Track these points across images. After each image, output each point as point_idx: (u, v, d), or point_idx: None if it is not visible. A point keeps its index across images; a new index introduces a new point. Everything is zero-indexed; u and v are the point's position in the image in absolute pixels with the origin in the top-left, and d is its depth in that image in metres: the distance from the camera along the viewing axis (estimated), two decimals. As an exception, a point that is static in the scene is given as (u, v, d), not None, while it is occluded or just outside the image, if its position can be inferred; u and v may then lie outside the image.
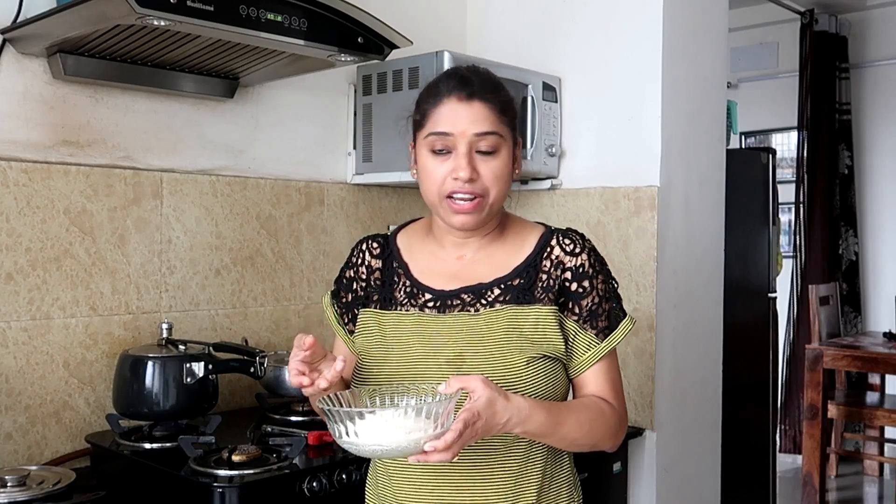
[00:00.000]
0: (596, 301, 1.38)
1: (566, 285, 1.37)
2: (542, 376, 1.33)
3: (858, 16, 5.58)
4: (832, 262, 5.46)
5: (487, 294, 1.36)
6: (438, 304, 1.37)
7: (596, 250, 1.42)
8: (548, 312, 1.35)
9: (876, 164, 5.60)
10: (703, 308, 2.66)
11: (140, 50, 1.88)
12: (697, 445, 2.65)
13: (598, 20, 2.57)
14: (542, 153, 2.56)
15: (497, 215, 1.40)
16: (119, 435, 1.89)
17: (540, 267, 1.38)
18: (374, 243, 1.47)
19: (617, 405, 1.39)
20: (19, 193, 1.87)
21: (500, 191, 1.35)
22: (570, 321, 1.37)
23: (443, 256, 1.42)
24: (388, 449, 1.13)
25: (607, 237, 2.54)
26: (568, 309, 1.37)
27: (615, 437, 1.39)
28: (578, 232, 1.42)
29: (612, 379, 1.40)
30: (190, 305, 2.17)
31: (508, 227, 1.44)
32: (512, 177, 1.38)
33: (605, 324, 1.38)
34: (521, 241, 1.41)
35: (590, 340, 1.37)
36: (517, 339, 1.33)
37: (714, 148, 2.70)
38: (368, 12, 1.90)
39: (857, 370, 4.64)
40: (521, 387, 1.30)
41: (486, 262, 1.40)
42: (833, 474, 5.06)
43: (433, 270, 1.41)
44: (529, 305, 1.35)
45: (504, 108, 1.36)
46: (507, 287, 1.37)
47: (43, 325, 1.91)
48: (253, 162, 2.31)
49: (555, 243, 1.39)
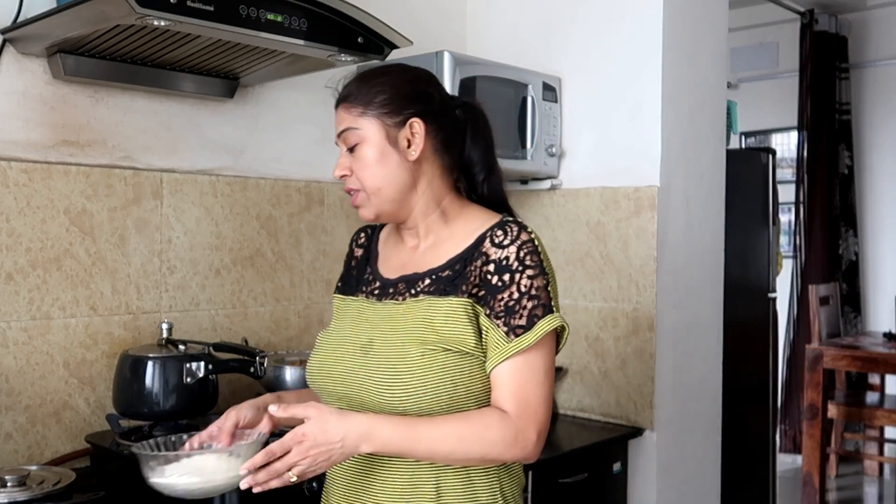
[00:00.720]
0: (514, 297, 1.31)
1: (487, 278, 1.33)
2: (440, 370, 1.29)
3: (858, 16, 5.58)
4: (832, 262, 5.47)
5: (418, 284, 1.38)
6: (379, 292, 1.43)
7: (531, 243, 1.34)
8: (458, 304, 1.33)
9: (876, 164, 5.60)
10: (703, 308, 2.66)
11: (140, 50, 1.88)
12: (697, 445, 2.65)
13: (599, 20, 2.57)
14: (542, 153, 2.56)
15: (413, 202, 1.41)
16: (119, 435, 1.88)
17: (470, 260, 1.36)
18: (361, 234, 1.58)
19: (516, 414, 1.30)
20: (19, 193, 1.87)
21: (376, 179, 1.38)
22: (483, 316, 1.33)
23: (401, 247, 1.48)
24: (199, 490, 1.26)
25: (607, 237, 2.55)
26: (485, 303, 1.33)
27: (509, 449, 1.30)
28: (520, 224, 1.37)
29: (519, 384, 1.31)
30: (190, 305, 2.17)
31: (462, 219, 1.43)
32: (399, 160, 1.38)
33: (520, 322, 1.31)
34: (469, 234, 1.39)
35: (499, 338, 1.31)
36: (424, 331, 1.32)
37: (714, 148, 2.70)
38: (368, 12, 1.90)
39: (857, 370, 4.64)
40: (414, 378, 1.29)
41: (432, 253, 1.42)
42: (833, 474, 5.06)
43: (391, 260, 1.48)
44: (446, 297, 1.34)
45: (365, 100, 1.37)
46: (436, 278, 1.37)
47: (43, 325, 1.91)
48: (253, 162, 2.31)
49: (488, 235, 1.36)
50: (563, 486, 2.24)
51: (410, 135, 1.38)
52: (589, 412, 2.60)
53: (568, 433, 2.51)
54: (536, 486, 2.16)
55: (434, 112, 1.41)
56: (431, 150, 1.41)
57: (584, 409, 2.61)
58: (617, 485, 2.46)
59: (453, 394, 1.30)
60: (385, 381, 1.31)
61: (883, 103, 5.55)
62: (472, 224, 1.41)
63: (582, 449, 2.34)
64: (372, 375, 1.33)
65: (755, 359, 3.68)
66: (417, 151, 1.39)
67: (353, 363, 1.36)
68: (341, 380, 1.37)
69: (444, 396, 1.29)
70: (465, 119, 1.46)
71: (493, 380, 1.33)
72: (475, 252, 1.36)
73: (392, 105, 1.38)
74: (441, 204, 1.43)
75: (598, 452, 2.39)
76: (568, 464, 2.28)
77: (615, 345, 2.53)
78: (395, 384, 1.30)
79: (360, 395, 1.34)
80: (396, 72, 1.44)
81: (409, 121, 1.38)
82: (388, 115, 1.38)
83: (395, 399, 1.30)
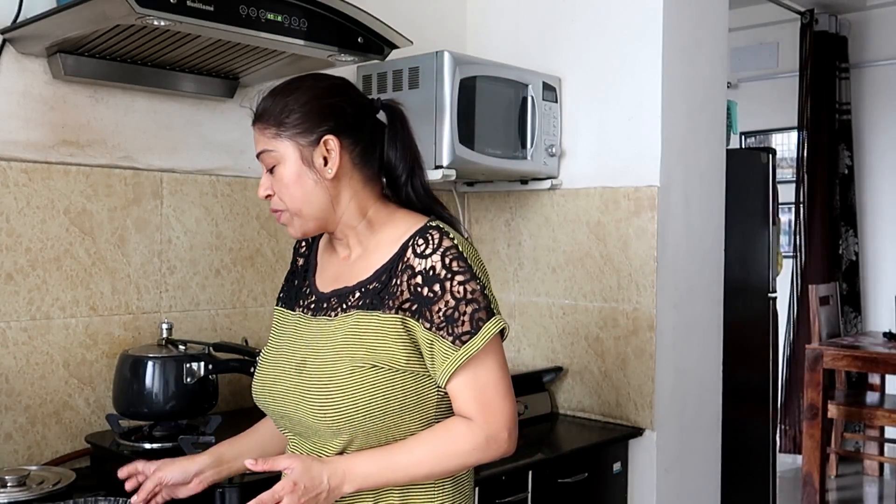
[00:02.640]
0: (451, 305, 1.28)
1: (418, 290, 1.29)
2: (371, 388, 1.27)
3: (858, 16, 5.58)
4: (832, 262, 5.47)
5: (349, 298, 1.36)
6: (314, 307, 1.42)
7: (455, 249, 1.30)
8: (388, 320, 1.30)
9: (876, 164, 5.60)
10: (703, 308, 2.66)
11: (140, 50, 1.88)
12: (697, 445, 2.65)
13: (598, 20, 2.57)
14: (542, 153, 2.56)
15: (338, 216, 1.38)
16: (119, 435, 1.88)
17: (395, 271, 1.32)
18: (302, 243, 1.55)
19: (483, 420, 1.29)
20: (19, 193, 1.87)
21: (293, 199, 1.35)
22: (421, 329, 1.29)
23: (334, 258, 1.46)
24: None
25: (607, 237, 2.55)
26: (422, 316, 1.29)
27: (484, 453, 1.30)
28: (441, 229, 1.33)
29: (478, 389, 1.30)
30: (190, 305, 2.17)
31: (388, 226, 1.39)
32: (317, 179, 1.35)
33: (464, 329, 1.28)
34: (396, 242, 1.35)
35: (446, 348, 1.28)
36: (352, 348, 1.30)
37: (714, 148, 2.70)
38: (368, 12, 1.90)
39: (857, 370, 4.64)
40: (346, 398, 1.27)
41: (361, 264, 1.39)
42: (833, 474, 5.06)
43: (326, 272, 1.46)
44: (374, 311, 1.31)
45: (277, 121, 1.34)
46: (364, 291, 1.35)
47: (43, 325, 1.91)
48: (253, 162, 2.28)
49: (410, 244, 1.32)
50: (563, 486, 2.24)
51: (326, 152, 1.35)
52: (589, 412, 2.60)
53: (568, 433, 2.51)
54: (536, 487, 2.16)
55: (348, 126, 1.37)
56: (350, 164, 1.37)
57: (584, 409, 2.61)
58: (617, 485, 2.46)
59: (387, 411, 1.28)
60: (317, 401, 1.30)
61: (883, 103, 5.55)
62: (396, 231, 1.37)
63: (582, 449, 2.35)
64: (305, 396, 1.32)
65: (755, 359, 3.68)
66: (334, 169, 1.35)
67: (288, 383, 1.36)
68: (280, 399, 1.37)
69: (378, 414, 1.28)
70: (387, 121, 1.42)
71: (451, 392, 1.31)
72: (399, 263, 1.32)
73: (304, 124, 1.34)
74: (367, 214, 1.40)
75: (598, 452, 2.39)
76: (568, 464, 2.28)
77: (615, 345, 2.53)
78: (326, 404, 1.29)
79: (297, 414, 1.34)
80: (307, 87, 1.38)
81: (323, 139, 1.34)
82: (301, 135, 1.34)
83: (328, 419, 1.29)
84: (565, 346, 2.65)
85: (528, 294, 2.74)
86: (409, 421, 1.31)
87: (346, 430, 1.29)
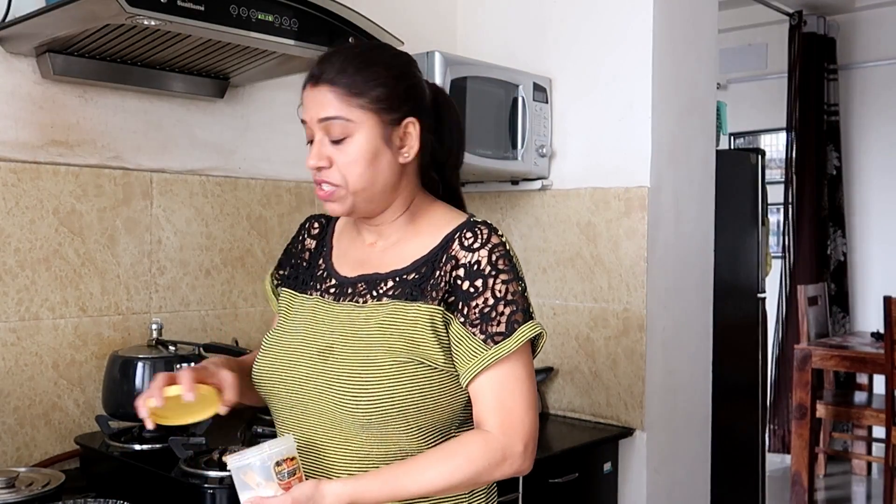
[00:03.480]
0: (490, 303, 1.23)
1: (458, 283, 1.24)
2: (408, 382, 1.22)
3: (846, 17, 5.62)
4: (820, 263, 5.50)
5: (381, 286, 1.29)
6: (336, 291, 1.33)
7: (503, 247, 1.27)
8: (427, 312, 1.24)
9: (864, 165, 5.64)
10: (692, 308, 2.67)
11: (130, 50, 1.87)
12: (687, 445, 2.66)
13: (589, 21, 2.58)
14: (532, 154, 2.56)
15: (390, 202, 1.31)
16: (109, 436, 1.88)
17: (438, 263, 1.26)
18: (315, 223, 1.47)
19: (501, 430, 1.23)
20: (8, 193, 1.86)
21: (361, 177, 1.26)
22: (456, 323, 1.24)
23: (358, 242, 1.38)
24: None
25: (598, 238, 2.55)
26: (457, 309, 1.24)
27: (498, 469, 1.23)
28: (490, 225, 1.28)
29: (501, 396, 1.23)
30: (180, 306, 2.16)
31: (428, 217, 1.34)
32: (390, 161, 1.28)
33: (498, 329, 1.23)
34: (435, 234, 1.30)
35: (476, 346, 1.23)
36: (389, 339, 1.24)
37: (703, 149, 2.71)
38: (359, 12, 1.90)
39: (846, 370, 4.67)
40: (382, 388, 1.21)
41: (394, 252, 1.32)
42: (822, 473, 5.09)
43: (347, 256, 1.38)
44: (413, 303, 1.25)
45: (359, 89, 1.24)
46: (400, 281, 1.28)
47: (32, 325, 1.90)
48: (243, 162, 2.30)
49: (456, 237, 1.27)
50: (554, 486, 2.25)
51: (403, 135, 1.28)
52: (579, 412, 2.60)
53: (558, 433, 2.51)
54: (527, 487, 2.17)
55: (426, 109, 1.31)
56: (418, 150, 1.31)
57: (574, 409, 2.62)
58: (607, 485, 2.47)
59: (420, 407, 1.23)
60: (349, 389, 1.22)
61: (871, 104, 5.59)
62: (437, 223, 1.32)
63: (572, 449, 2.35)
64: (333, 384, 1.24)
65: (744, 359, 3.70)
66: (411, 154, 1.29)
67: (310, 369, 1.27)
68: (297, 387, 1.28)
69: (412, 409, 1.22)
70: (436, 107, 1.35)
71: (473, 393, 1.25)
72: (443, 255, 1.27)
73: (390, 100, 1.26)
74: (411, 203, 1.34)
75: (588, 452, 2.40)
76: (558, 464, 2.28)
77: (605, 345, 2.54)
78: (359, 393, 1.21)
79: (317, 404, 1.26)
80: (390, 61, 1.30)
81: (405, 120, 1.28)
82: (386, 111, 1.26)
83: (359, 409, 1.22)
84: (556, 346, 2.65)
85: (518, 294, 2.74)
86: (438, 422, 1.26)
87: (375, 424, 1.22)
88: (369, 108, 1.25)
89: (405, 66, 1.32)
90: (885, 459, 4.21)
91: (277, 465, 1.19)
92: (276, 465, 1.19)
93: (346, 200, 1.29)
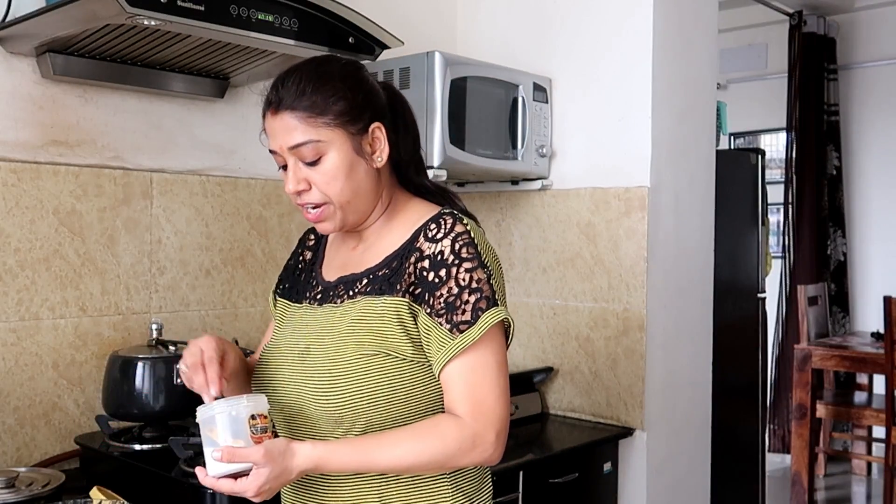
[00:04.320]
0: (454, 292, 1.24)
1: (423, 275, 1.26)
2: (377, 374, 1.24)
3: (846, 17, 5.62)
4: (820, 263, 5.49)
5: (356, 285, 1.32)
6: (320, 296, 1.37)
7: (467, 235, 1.27)
8: (393, 305, 1.26)
9: (864, 165, 5.63)
10: (692, 308, 2.67)
11: (130, 50, 1.87)
12: (687, 445, 2.66)
13: (589, 21, 2.58)
14: (532, 154, 2.56)
15: (374, 207, 1.34)
16: (109, 436, 1.88)
17: (406, 256, 1.29)
18: (311, 235, 1.50)
19: (472, 417, 1.23)
20: (8, 194, 1.86)
21: (344, 191, 1.28)
22: (423, 314, 1.25)
23: (343, 248, 1.42)
24: None
25: (598, 238, 2.55)
26: (424, 301, 1.25)
27: (468, 455, 1.24)
28: (456, 215, 1.29)
29: (471, 384, 1.24)
30: (180, 306, 2.16)
31: (404, 214, 1.36)
32: (366, 169, 1.30)
33: (463, 318, 1.23)
34: (406, 229, 1.32)
35: (442, 336, 1.24)
36: (359, 333, 1.26)
37: (703, 149, 2.71)
38: (359, 12, 1.90)
39: (846, 370, 4.67)
40: (352, 384, 1.23)
41: (371, 252, 1.35)
42: (821, 473, 5.09)
43: (334, 262, 1.42)
44: (381, 297, 1.27)
45: (321, 109, 1.26)
46: (373, 278, 1.31)
47: (32, 325, 1.90)
48: (243, 162, 2.30)
49: (423, 229, 1.29)
50: (554, 486, 2.25)
51: (372, 140, 1.30)
52: (579, 412, 2.60)
53: (558, 433, 2.51)
54: (527, 487, 2.17)
55: (384, 111, 1.33)
56: (388, 151, 1.33)
57: (574, 409, 2.62)
58: (607, 485, 2.47)
59: (392, 400, 1.24)
60: (321, 387, 1.26)
61: (871, 104, 5.58)
62: (410, 219, 1.34)
63: (572, 449, 2.35)
64: (307, 382, 1.28)
65: (744, 359, 3.70)
66: (384, 157, 1.31)
67: (289, 371, 1.32)
68: (280, 388, 1.32)
69: (382, 403, 1.24)
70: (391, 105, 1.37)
71: (444, 382, 1.26)
72: (410, 248, 1.29)
73: (352, 111, 1.28)
74: (389, 203, 1.37)
75: (588, 452, 2.40)
76: (558, 464, 2.28)
77: (605, 345, 2.54)
78: (331, 390, 1.25)
79: (297, 403, 1.29)
80: (341, 72, 1.31)
81: (371, 127, 1.30)
82: (350, 122, 1.28)
83: (332, 406, 1.25)
84: (556, 346, 2.65)
85: (518, 294, 2.74)
86: (412, 413, 1.26)
87: (347, 417, 1.24)
88: (335, 125, 1.27)
89: (357, 73, 1.33)
90: (885, 459, 4.22)
91: (253, 418, 1.20)
92: (251, 417, 1.20)
93: (336, 217, 1.32)
